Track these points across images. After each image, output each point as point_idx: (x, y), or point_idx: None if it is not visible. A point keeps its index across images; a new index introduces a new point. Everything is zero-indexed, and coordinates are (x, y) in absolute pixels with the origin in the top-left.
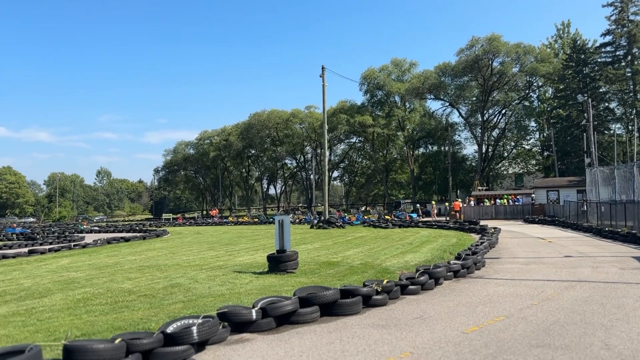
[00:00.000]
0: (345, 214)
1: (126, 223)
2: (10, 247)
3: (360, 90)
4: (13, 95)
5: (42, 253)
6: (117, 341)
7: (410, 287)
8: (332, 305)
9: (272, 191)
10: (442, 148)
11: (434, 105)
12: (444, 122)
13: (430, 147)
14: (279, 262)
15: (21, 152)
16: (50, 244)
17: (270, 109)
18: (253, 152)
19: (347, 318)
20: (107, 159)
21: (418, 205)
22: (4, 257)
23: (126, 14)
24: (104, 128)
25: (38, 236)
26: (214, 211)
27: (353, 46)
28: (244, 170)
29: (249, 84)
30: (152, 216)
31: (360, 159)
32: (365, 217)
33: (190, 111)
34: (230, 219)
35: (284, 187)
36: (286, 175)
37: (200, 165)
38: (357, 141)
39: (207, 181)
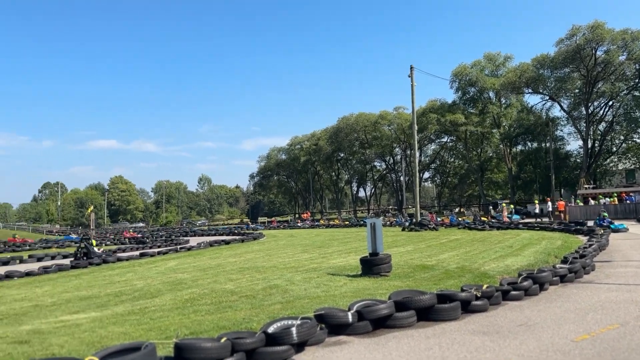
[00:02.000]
0: (438, 217)
1: (225, 226)
2: (124, 251)
3: (450, 88)
4: (123, 110)
5: (151, 256)
6: (222, 340)
7: (513, 292)
8: (428, 310)
9: (361, 194)
10: (543, 144)
11: (532, 99)
12: (544, 117)
13: (529, 144)
14: (372, 265)
15: (131, 162)
16: (159, 247)
17: (358, 112)
18: (342, 155)
19: (445, 324)
20: (207, 167)
21: (497, 204)
22: (119, 259)
23: (214, 31)
24: (203, 138)
25: (147, 240)
26: (306, 214)
27: (441, 45)
28: (333, 173)
29: (336, 89)
30: (248, 220)
31: (452, 159)
32: (460, 218)
33: (281, 118)
34: (322, 221)
35: (373, 190)
36: (375, 177)
37: (292, 169)
38: (448, 141)
39: (298, 185)
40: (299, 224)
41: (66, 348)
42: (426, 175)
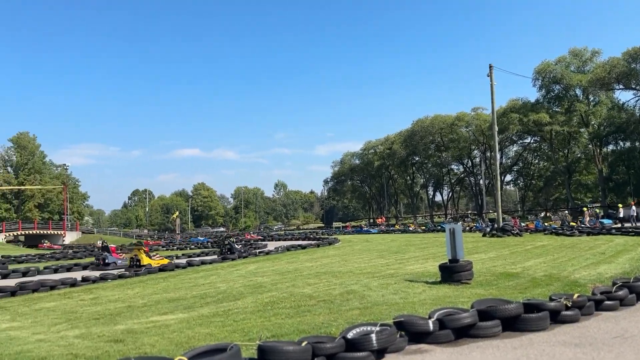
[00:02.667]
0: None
1: (301, 231)
2: (207, 254)
3: (533, 87)
4: (206, 121)
5: (232, 260)
6: (303, 344)
7: (607, 302)
8: (514, 320)
9: (438, 198)
10: (637, 143)
11: (623, 96)
12: (638, 114)
13: (621, 143)
14: (452, 272)
15: (212, 170)
16: (239, 251)
17: (433, 115)
18: (417, 159)
19: (533, 334)
20: (283, 172)
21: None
22: (203, 262)
23: (291, 40)
24: (279, 144)
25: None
26: (381, 219)
27: (521, 42)
28: (408, 177)
29: (410, 91)
30: (323, 224)
31: (536, 161)
32: (546, 223)
33: (354, 123)
34: (397, 226)
35: (450, 194)
36: (453, 181)
37: (366, 174)
38: (532, 141)
39: (372, 190)
40: (363, 229)
41: (157, 347)
42: (508, 178)
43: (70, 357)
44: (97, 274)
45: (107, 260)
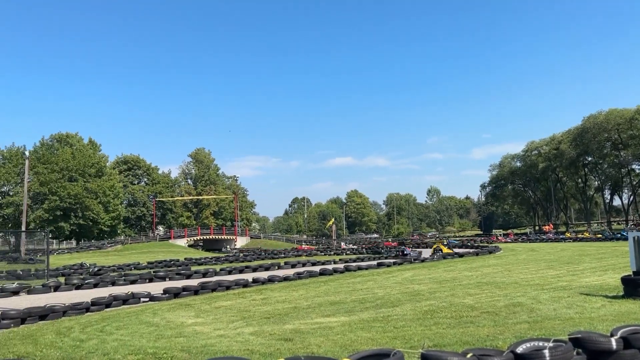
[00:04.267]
0: None
1: (457, 239)
2: (362, 260)
3: None
4: (358, 130)
5: (387, 266)
6: (468, 355)
7: None
8: None
9: (616, 202)
10: None
11: None
12: None
13: None
14: (638, 286)
15: (364, 177)
16: (394, 257)
17: (607, 109)
18: (589, 159)
19: None
20: (436, 178)
21: None
22: (359, 268)
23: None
24: (431, 149)
25: (382, 251)
26: (548, 226)
27: None
28: (579, 180)
29: (579, 84)
30: (481, 232)
31: None
32: None
33: (513, 123)
34: (568, 234)
35: (632, 197)
36: (634, 183)
37: (529, 177)
38: None
39: (537, 194)
40: (541, 237)
41: (323, 348)
42: None
43: (247, 353)
44: (265, 275)
45: (405, 252)
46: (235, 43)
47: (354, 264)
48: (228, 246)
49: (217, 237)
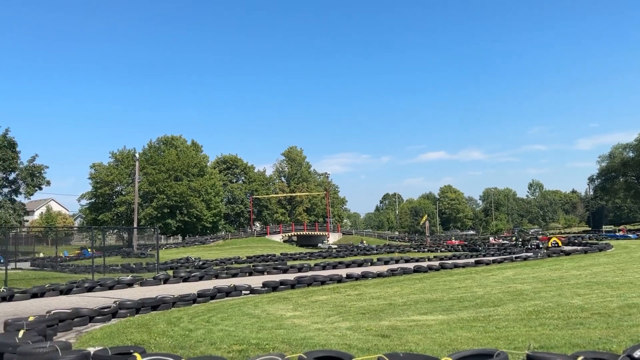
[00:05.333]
0: None
1: (563, 236)
2: (459, 258)
3: None
4: (452, 123)
5: (487, 264)
6: (579, 358)
7: None
8: None
9: None
10: None
11: None
12: None
13: None
14: None
15: (458, 171)
16: (492, 255)
17: None
18: None
19: None
20: (538, 171)
21: None
22: (456, 266)
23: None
24: (532, 140)
25: (480, 248)
26: None
27: None
28: None
29: None
30: (589, 228)
31: None
32: None
33: (624, 111)
34: None
35: None
36: None
37: None
38: None
39: None
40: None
41: (421, 346)
42: None
43: (345, 347)
44: (359, 271)
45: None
46: (324, 45)
47: (449, 261)
48: (324, 241)
49: (310, 233)
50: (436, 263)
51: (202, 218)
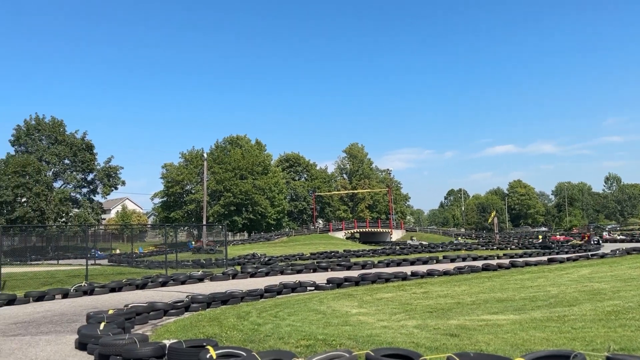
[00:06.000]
0: None
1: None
2: (530, 255)
3: None
4: (520, 115)
5: (560, 262)
6: None
7: None
8: None
9: None
10: None
11: None
12: None
13: None
14: None
15: (528, 165)
16: (566, 252)
17: None
18: None
19: None
20: (614, 164)
21: None
22: (527, 264)
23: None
24: (609, 132)
25: (553, 245)
26: None
27: None
28: None
29: None
30: None
31: None
32: None
33: None
34: None
35: None
36: None
37: None
38: None
39: None
40: None
41: (492, 346)
42: None
43: (413, 346)
44: (424, 269)
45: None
46: (384, 42)
47: (520, 259)
48: (412, 238)
49: (372, 230)
50: (506, 261)
51: (267, 215)
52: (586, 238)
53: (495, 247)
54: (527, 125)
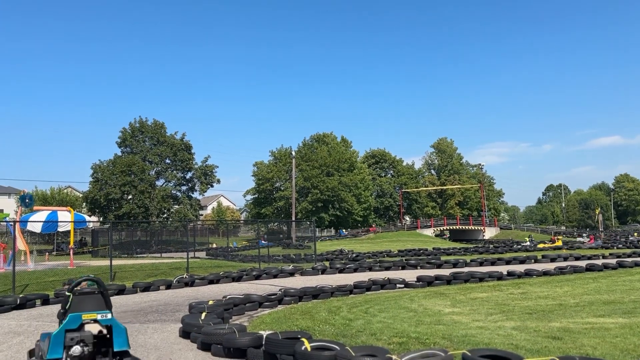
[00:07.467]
0: None
1: None
2: (629, 256)
3: None
4: (628, 104)
5: None
6: None
7: None
8: None
9: None
10: None
11: None
12: None
13: None
14: None
15: (637, 158)
16: None
17: None
18: None
19: None
20: None
21: None
22: (636, 264)
23: None
24: None
25: None
26: None
27: None
28: None
29: None
30: None
31: None
32: None
33: None
34: None
35: None
36: None
37: None
38: None
39: None
40: None
41: (599, 350)
42: None
43: (512, 347)
44: (521, 268)
45: None
46: (470, 31)
47: (629, 259)
48: (529, 237)
49: (463, 227)
50: (613, 261)
51: (353, 212)
52: None
53: (600, 247)
54: (636, 114)
